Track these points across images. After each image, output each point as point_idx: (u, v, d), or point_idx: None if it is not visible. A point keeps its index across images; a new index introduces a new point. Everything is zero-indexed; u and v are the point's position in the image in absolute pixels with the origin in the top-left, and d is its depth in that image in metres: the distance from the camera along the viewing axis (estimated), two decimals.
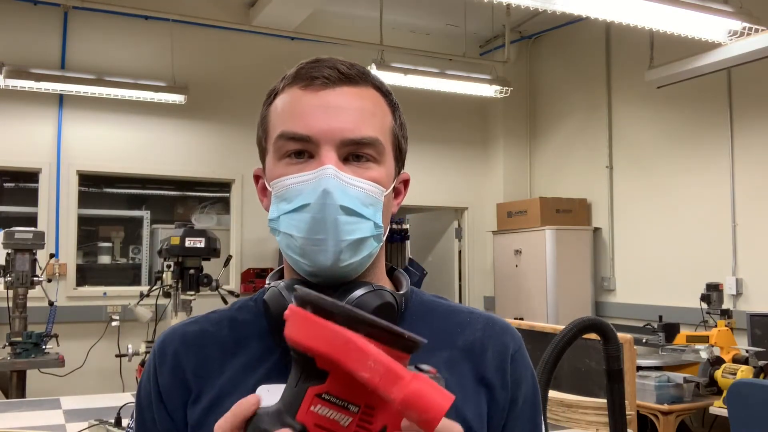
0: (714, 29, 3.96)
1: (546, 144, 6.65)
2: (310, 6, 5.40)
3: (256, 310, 0.89)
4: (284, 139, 0.82)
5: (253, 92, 5.76)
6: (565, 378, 2.63)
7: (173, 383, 0.84)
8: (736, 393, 3.09)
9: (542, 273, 5.74)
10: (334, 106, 0.82)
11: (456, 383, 0.84)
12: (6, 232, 4.32)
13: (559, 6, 3.61)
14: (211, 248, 4.21)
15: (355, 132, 0.81)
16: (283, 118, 0.83)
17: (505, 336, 0.90)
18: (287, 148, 0.82)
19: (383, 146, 0.83)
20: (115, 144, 5.45)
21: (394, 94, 0.91)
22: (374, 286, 0.82)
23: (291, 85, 0.85)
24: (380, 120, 0.85)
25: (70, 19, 5.34)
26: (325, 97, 0.82)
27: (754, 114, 4.84)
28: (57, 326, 4.60)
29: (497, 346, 0.89)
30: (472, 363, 0.87)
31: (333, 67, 0.84)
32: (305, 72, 0.84)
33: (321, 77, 0.83)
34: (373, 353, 0.56)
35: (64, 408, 2.70)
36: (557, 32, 6.44)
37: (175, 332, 0.89)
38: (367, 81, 0.86)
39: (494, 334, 0.90)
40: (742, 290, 4.84)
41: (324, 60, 0.85)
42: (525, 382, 0.90)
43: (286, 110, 0.83)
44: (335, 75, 0.83)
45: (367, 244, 0.82)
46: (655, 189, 5.52)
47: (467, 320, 0.91)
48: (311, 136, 0.80)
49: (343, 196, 0.79)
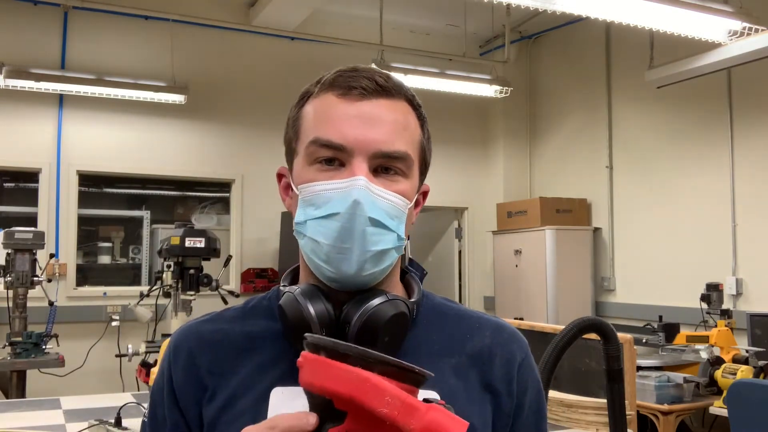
0: (714, 29, 3.95)
1: (546, 144, 6.65)
2: (310, 6, 5.40)
3: (270, 311, 0.90)
4: (317, 145, 0.82)
5: (253, 92, 5.77)
6: (565, 378, 2.63)
7: (187, 380, 0.86)
8: (736, 393, 3.09)
9: (542, 273, 5.74)
10: (370, 118, 0.83)
11: (463, 388, 0.86)
12: (6, 232, 4.32)
13: (559, 6, 3.61)
14: (211, 248, 4.21)
15: (388, 145, 0.82)
16: (318, 124, 0.84)
17: (513, 344, 0.92)
18: (319, 154, 0.83)
19: (412, 160, 0.85)
20: (115, 144, 5.45)
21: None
22: (389, 295, 0.83)
23: (327, 91, 0.85)
24: (411, 134, 0.86)
25: (70, 19, 5.34)
26: (361, 108, 0.83)
27: (754, 114, 4.84)
28: (57, 326, 4.60)
29: (505, 354, 0.90)
30: (479, 369, 0.88)
31: (371, 78, 0.84)
32: (343, 80, 0.85)
33: (359, 87, 0.84)
34: (390, 389, 0.58)
35: (64, 408, 2.70)
36: (557, 32, 6.44)
37: (191, 329, 0.90)
38: (401, 94, 0.87)
39: (502, 341, 0.91)
40: (742, 290, 4.84)
41: (362, 70, 0.86)
42: (531, 389, 0.92)
43: (321, 116, 0.84)
44: (372, 86, 0.84)
45: (389, 255, 0.84)
46: (655, 189, 5.52)
47: (476, 326, 0.92)
48: (345, 146, 0.81)
49: (372, 207, 0.80)
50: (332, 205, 0.80)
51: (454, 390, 0.85)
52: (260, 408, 0.83)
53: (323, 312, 0.81)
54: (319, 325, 0.81)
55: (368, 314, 0.80)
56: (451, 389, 0.85)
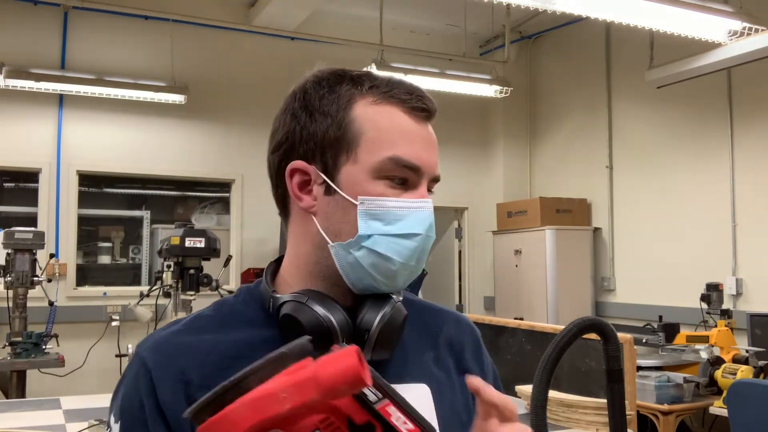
0: (714, 29, 3.96)
1: (546, 144, 6.65)
2: (310, 6, 5.40)
3: (248, 316, 0.87)
4: (396, 164, 0.81)
5: (253, 92, 5.77)
6: (565, 378, 2.63)
7: (176, 398, 0.78)
8: (736, 393, 3.09)
9: (542, 273, 5.74)
10: (432, 142, 0.86)
11: (445, 378, 0.91)
12: (6, 232, 4.32)
13: (559, 6, 3.61)
14: (211, 248, 4.21)
15: (436, 170, 0.86)
16: (395, 141, 0.82)
17: (473, 330, 1.01)
18: (395, 173, 0.82)
19: None
20: (115, 144, 5.45)
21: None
22: (395, 298, 0.85)
23: (391, 103, 0.83)
24: None
25: (70, 19, 5.34)
26: (424, 131, 0.85)
27: (754, 114, 4.83)
28: (57, 326, 4.59)
29: (470, 340, 0.98)
30: (454, 358, 0.94)
31: (429, 101, 0.86)
32: (410, 98, 0.84)
33: (425, 109, 0.85)
34: (275, 387, 0.57)
35: (64, 408, 2.70)
36: (557, 32, 6.44)
37: (168, 342, 0.83)
38: None
39: (464, 329, 0.99)
40: (742, 290, 4.84)
41: (419, 89, 0.87)
42: (494, 371, 1.02)
43: (397, 133, 0.83)
44: (433, 109, 0.86)
45: None
46: (655, 189, 5.51)
47: (441, 319, 0.98)
48: (421, 168, 0.83)
49: (434, 230, 0.85)
50: (409, 224, 0.82)
51: (439, 380, 0.90)
52: None
53: (342, 321, 0.80)
54: (340, 334, 0.80)
55: (386, 320, 0.82)
56: (437, 380, 0.89)
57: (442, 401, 0.88)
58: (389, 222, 0.81)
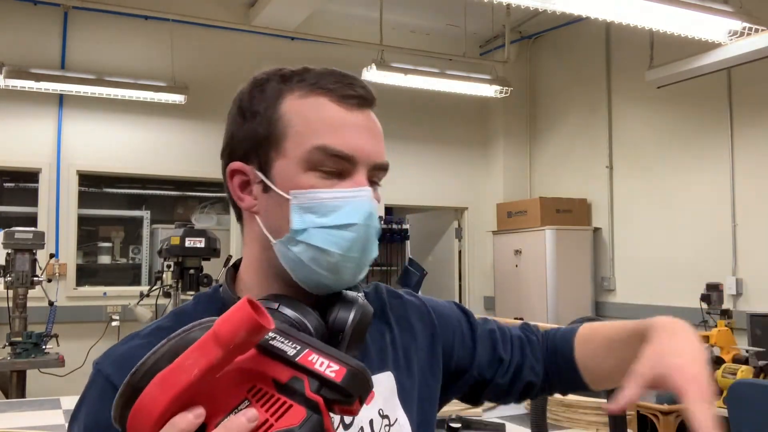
0: (714, 29, 3.95)
1: (546, 144, 6.65)
2: (310, 6, 5.40)
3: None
4: (324, 153, 0.80)
5: None
6: None
7: None
8: (736, 393, 3.09)
9: (542, 273, 5.74)
10: (369, 128, 0.83)
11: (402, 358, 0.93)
12: (6, 232, 4.32)
13: (559, 6, 3.61)
14: (211, 248, 4.21)
15: (381, 156, 0.84)
16: (320, 131, 0.80)
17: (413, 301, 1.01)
18: (325, 163, 0.80)
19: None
20: (115, 144, 5.45)
21: (391, 93, 0.94)
22: (359, 296, 0.84)
23: (319, 94, 0.82)
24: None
25: (70, 19, 5.34)
26: (358, 118, 0.82)
27: (754, 114, 4.83)
28: (57, 326, 4.59)
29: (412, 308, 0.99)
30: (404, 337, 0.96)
31: (362, 88, 0.84)
32: (340, 86, 0.82)
33: (356, 96, 0.82)
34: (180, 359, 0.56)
35: (64, 408, 2.70)
36: (557, 32, 6.44)
37: (134, 357, 0.70)
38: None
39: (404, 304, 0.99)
40: (742, 290, 4.84)
41: (351, 77, 0.84)
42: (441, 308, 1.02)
43: (323, 122, 0.81)
44: (368, 96, 0.84)
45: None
46: (655, 189, 5.51)
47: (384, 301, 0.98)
48: (353, 156, 0.80)
49: (377, 219, 0.82)
50: (345, 214, 0.79)
51: (400, 360, 0.92)
52: None
53: (317, 324, 0.78)
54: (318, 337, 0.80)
55: (358, 318, 0.80)
56: (399, 360, 0.92)
57: (403, 385, 0.90)
58: (323, 214, 0.79)
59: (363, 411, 0.81)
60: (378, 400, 0.87)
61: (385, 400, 0.88)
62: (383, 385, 0.88)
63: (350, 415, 0.60)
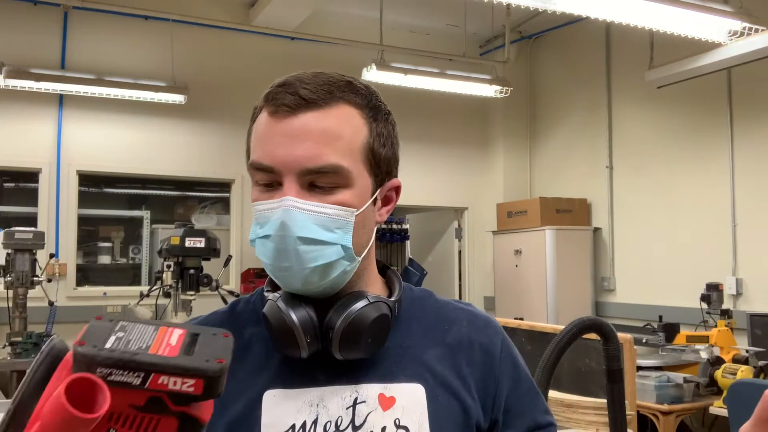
0: (714, 29, 3.95)
1: (546, 144, 6.65)
2: (310, 6, 5.40)
3: (256, 314, 0.90)
4: (254, 168, 0.84)
5: (253, 92, 5.70)
6: (565, 378, 2.63)
7: None
8: (736, 393, 3.09)
9: (542, 273, 5.74)
10: (295, 135, 0.81)
11: (450, 375, 0.89)
12: (6, 232, 4.32)
13: (559, 6, 3.61)
14: (211, 248, 4.21)
15: (313, 161, 0.80)
16: (255, 146, 0.85)
17: (488, 329, 0.95)
18: (256, 177, 0.84)
19: (347, 170, 0.82)
20: (115, 144, 5.45)
21: (391, 93, 0.92)
22: (371, 297, 0.84)
23: (264, 108, 0.85)
24: (347, 140, 0.83)
25: (70, 19, 5.33)
26: (288, 126, 0.82)
27: (754, 114, 4.83)
28: (57, 326, 4.59)
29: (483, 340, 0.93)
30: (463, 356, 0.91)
31: (294, 93, 0.82)
32: (271, 97, 0.84)
33: (283, 105, 0.82)
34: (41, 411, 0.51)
35: None
36: (557, 32, 6.44)
37: None
38: (334, 99, 0.83)
39: (478, 328, 0.94)
40: (742, 290, 4.84)
41: (290, 84, 0.83)
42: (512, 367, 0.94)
43: (257, 137, 0.85)
44: (296, 101, 0.82)
45: (335, 266, 0.83)
46: (655, 189, 5.51)
47: (453, 317, 0.95)
48: (274, 167, 0.82)
49: (300, 226, 0.80)
50: (267, 227, 0.82)
51: (442, 377, 0.88)
52: (254, 412, 0.83)
53: (306, 318, 0.82)
54: (302, 331, 0.81)
55: (350, 319, 0.82)
56: (440, 377, 0.88)
57: (437, 402, 0.87)
58: (261, 225, 0.83)
59: (377, 417, 0.84)
60: (397, 409, 0.85)
61: (405, 410, 0.85)
62: (407, 395, 0.86)
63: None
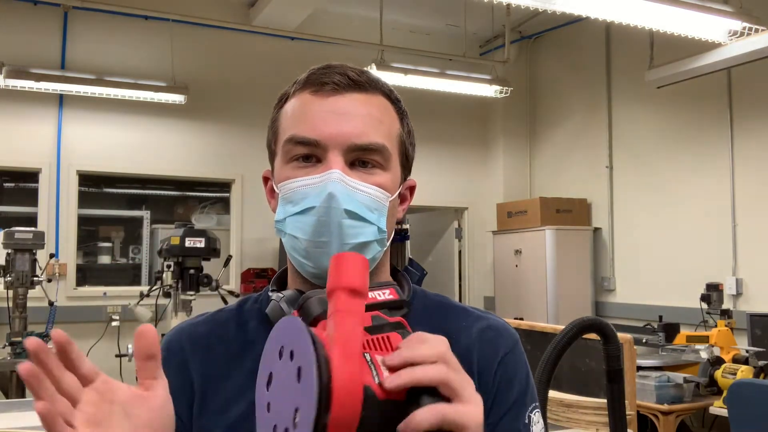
0: (714, 29, 3.96)
1: (546, 144, 6.65)
2: (310, 6, 5.40)
3: (262, 313, 0.89)
4: (293, 143, 0.83)
5: (253, 92, 5.77)
6: (565, 378, 2.63)
7: (180, 383, 0.83)
8: (736, 393, 3.09)
9: (542, 273, 5.74)
10: (343, 112, 0.83)
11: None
12: (6, 232, 4.32)
13: (559, 6, 3.61)
14: (211, 248, 4.21)
15: (362, 138, 0.82)
16: (293, 123, 0.84)
17: (498, 339, 0.89)
18: (295, 152, 0.83)
19: (389, 153, 0.85)
20: (115, 144, 5.45)
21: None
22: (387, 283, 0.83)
23: (301, 90, 0.86)
24: (387, 127, 0.86)
25: (70, 19, 5.33)
26: (335, 103, 0.83)
27: (754, 114, 4.83)
28: (57, 326, 4.59)
29: (488, 350, 0.88)
30: (465, 363, 0.85)
31: (343, 74, 0.84)
32: (315, 77, 0.85)
33: (331, 83, 0.84)
34: (339, 336, 0.58)
35: None
36: (557, 32, 6.44)
37: (184, 331, 0.90)
38: (376, 88, 0.87)
39: (487, 338, 0.89)
40: (742, 290, 4.84)
41: (335, 66, 0.86)
42: (511, 380, 0.88)
43: (295, 114, 0.85)
44: (345, 81, 0.84)
45: (370, 248, 0.83)
46: (655, 189, 5.51)
47: (464, 324, 0.90)
48: (319, 141, 0.82)
49: (347, 200, 0.80)
50: (309, 200, 0.81)
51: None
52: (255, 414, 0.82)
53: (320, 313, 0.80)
54: None
55: None
56: None
57: None
58: (296, 202, 0.82)
59: None
60: None
61: None
62: None
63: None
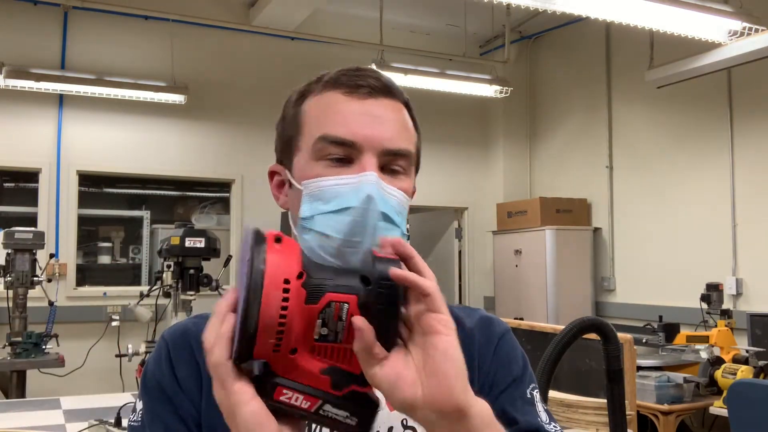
0: (714, 29, 3.96)
1: (546, 144, 6.65)
2: (310, 6, 5.40)
3: None
4: (326, 142, 0.83)
5: (253, 92, 5.77)
6: (565, 378, 2.63)
7: (191, 374, 0.86)
8: (736, 393, 3.09)
9: (542, 273, 5.74)
10: (378, 116, 0.85)
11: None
12: (6, 232, 4.32)
13: (559, 6, 3.61)
14: (211, 248, 4.20)
15: (394, 143, 0.85)
16: (325, 121, 0.84)
17: (492, 326, 0.97)
18: (329, 151, 0.83)
19: (413, 159, 0.89)
20: (115, 144, 5.45)
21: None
22: None
23: (331, 89, 0.86)
24: (410, 134, 0.90)
25: (70, 19, 5.34)
26: (370, 106, 0.85)
27: (754, 114, 4.83)
28: (57, 326, 4.59)
29: (483, 340, 0.95)
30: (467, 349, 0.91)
31: (377, 78, 0.86)
32: (349, 79, 0.86)
33: (366, 86, 0.85)
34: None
35: (64, 408, 2.70)
36: (557, 32, 6.44)
37: (187, 327, 0.91)
38: (401, 96, 0.90)
39: (484, 325, 0.97)
40: (742, 290, 4.84)
41: (366, 69, 0.88)
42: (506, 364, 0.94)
43: (328, 114, 0.85)
44: (379, 85, 0.86)
45: None
46: (655, 189, 5.52)
47: (463, 314, 0.97)
48: (355, 142, 0.82)
49: (383, 203, 0.81)
50: (344, 199, 0.81)
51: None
52: None
53: None
54: None
55: None
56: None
57: None
58: (328, 201, 0.82)
59: (384, 417, 0.82)
60: None
61: None
62: None
63: None
